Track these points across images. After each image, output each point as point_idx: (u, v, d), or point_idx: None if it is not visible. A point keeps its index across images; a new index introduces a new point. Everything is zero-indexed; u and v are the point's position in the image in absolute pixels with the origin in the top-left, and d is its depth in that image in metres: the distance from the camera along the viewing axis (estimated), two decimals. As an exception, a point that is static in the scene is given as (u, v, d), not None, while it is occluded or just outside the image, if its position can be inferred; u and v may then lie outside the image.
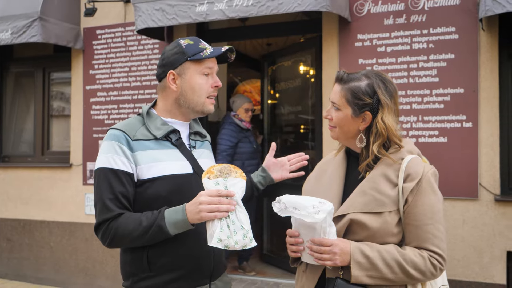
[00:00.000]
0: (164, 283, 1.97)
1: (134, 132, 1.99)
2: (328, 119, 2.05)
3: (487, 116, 4.37)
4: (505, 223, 4.29)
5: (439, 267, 1.85)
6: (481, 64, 4.41)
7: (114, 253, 5.86)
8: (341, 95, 1.98)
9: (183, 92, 2.03)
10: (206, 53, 2.02)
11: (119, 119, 5.87)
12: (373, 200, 1.88)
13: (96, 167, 1.98)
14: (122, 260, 2.07)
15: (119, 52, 5.90)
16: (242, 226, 1.78)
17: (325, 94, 4.98)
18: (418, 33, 4.62)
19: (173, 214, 1.85)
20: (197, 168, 2.06)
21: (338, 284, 1.85)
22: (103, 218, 1.91)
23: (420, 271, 1.83)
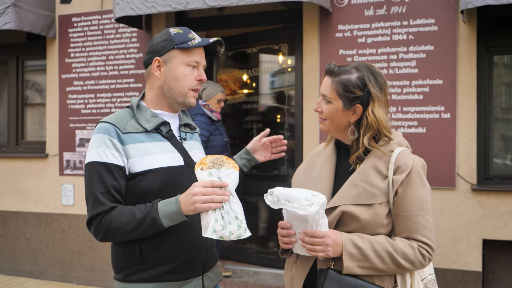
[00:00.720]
0: (157, 276, 1.95)
1: (124, 125, 1.96)
2: (319, 111, 2.04)
3: (465, 107, 4.42)
4: (481, 211, 4.37)
5: (428, 257, 1.88)
6: (459, 56, 4.44)
7: (92, 244, 5.77)
8: (332, 88, 1.97)
9: (166, 80, 2.01)
10: (193, 43, 1.99)
11: (96, 109, 5.75)
12: (364, 192, 1.89)
13: (87, 161, 1.94)
14: (113, 253, 2.04)
15: (96, 40, 5.76)
16: (236, 216, 1.78)
17: (306, 84, 4.96)
18: (398, 25, 4.63)
19: (167, 206, 1.83)
20: (188, 160, 2.04)
21: (330, 275, 1.86)
22: (96, 212, 1.88)
23: (410, 261, 1.86)
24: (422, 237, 1.88)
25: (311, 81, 4.93)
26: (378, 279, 1.89)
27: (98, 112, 5.75)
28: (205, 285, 2.06)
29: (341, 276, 1.85)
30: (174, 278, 1.97)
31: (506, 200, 4.32)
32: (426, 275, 1.99)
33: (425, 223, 1.89)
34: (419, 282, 1.94)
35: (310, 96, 4.92)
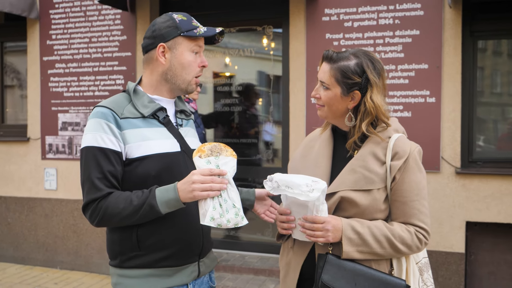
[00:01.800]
0: (153, 262, 1.92)
1: (121, 110, 1.91)
2: (317, 98, 2.02)
3: (450, 92, 4.44)
4: (464, 194, 4.41)
5: (424, 241, 1.89)
6: (444, 41, 4.44)
7: (76, 228, 5.68)
8: (331, 74, 1.95)
9: (171, 67, 1.97)
10: (200, 31, 1.96)
11: (79, 92, 5.62)
12: (363, 178, 1.89)
13: (83, 146, 1.89)
14: (109, 239, 2.00)
15: (78, 22, 5.62)
16: (233, 204, 1.77)
17: (292, 68, 4.92)
18: (385, 9, 4.60)
19: (165, 193, 1.80)
20: (184, 147, 2.01)
21: (329, 259, 1.86)
22: (92, 198, 1.84)
23: (407, 245, 1.87)
24: (419, 222, 1.89)
25: (297, 65, 4.89)
26: (375, 263, 1.89)
27: (81, 95, 5.62)
28: (200, 271, 2.04)
29: (340, 260, 1.85)
30: (170, 264, 1.94)
31: (489, 183, 4.37)
32: (420, 259, 2.00)
33: (422, 208, 1.90)
34: (414, 266, 1.95)
35: (297, 80, 4.88)
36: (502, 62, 4.74)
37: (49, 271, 5.71)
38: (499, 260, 4.46)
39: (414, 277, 1.93)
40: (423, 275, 1.97)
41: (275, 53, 5.45)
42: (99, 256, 5.61)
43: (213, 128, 5.90)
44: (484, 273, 4.50)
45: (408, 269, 1.93)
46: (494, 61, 4.76)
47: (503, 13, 4.44)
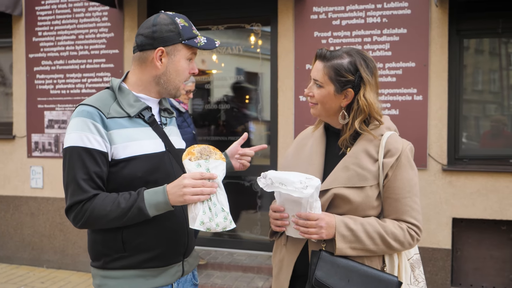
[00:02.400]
0: (139, 263, 1.89)
1: (108, 109, 1.86)
2: (310, 96, 2.02)
3: (437, 90, 4.47)
4: (451, 191, 4.44)
5: (416, 238, 1.90)
6: (431, 39, 4.47)
7: (62, 227, 5.61)
8: (324, 72, 1.95)
9: (166, 72, 1.93)
10: (200, 43, 1.94)
11: (66, 89, 5.55)
12: (356, 175, 1.89)
13: (67, 145, 1.82)
14: (92, 240, 1.95)
15: (65, 19, 5.54)
16: (222, 208, 1.77)
17: (281, 66, 4.91)
18: (373, 7, 4.62)
19: (154, 195, 1.77)
20: (169, 146, 1.98)
21: (323, 256, 1.86)
22: (77, 200, 1.78)
23: (400, 242, 1.87)
24: (411, 219, 1.89)
25: (286, 63, 4.88)
26: (368, 259, 1.90)
27: (67, 93, 5.55)
28: (184, 270, 2.03)
29: (333, 257, 1.86)
30: (156, 264, 1.91)
31: (474, 180, 4.41)
32: (411, 255, 2.00)
33: (414, 205, 1.91)
34: (406, 262, 1.96)
35: (286, 78, 4.88)
36: (483, 61, 4.78)
37: (35, 270, 5.62)
38: (484, 256, 4.50)
39: (406, 273, 1.94)
40: (415, 271, 1.98)
41: (263, 51, 5.44)
42: (86, 254, 5.54)
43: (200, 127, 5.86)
44: (470, 269, 4.54)
45: (400, 266, 1.94)
46: (476, 59, 4.80)
47: (488, 12, 4.48)
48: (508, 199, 4.36)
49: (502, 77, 4.75)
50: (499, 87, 4.74)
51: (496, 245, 4.51)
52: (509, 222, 4.45)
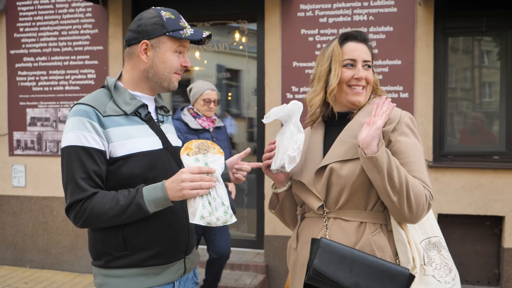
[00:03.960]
0: (140, 261, 1.86)
1: (104, 108, 1.83)
2: (361, 79, 1.94)
3: (422, 87, 4.46)
4: (437, 188, 4.44)
5: (429, 200, 1.77)
6: (417, 37, 4.47)
7: (46, 226, 5.45)
8: (369, 52, 1.99)
9: (153, 65, 1.90)
10: (186, 34, 1.89)
11: (49, 86, 5.40)
12: (353, 147, 1.85)
13: (65, 145, 1.80)
14: (92, 239, 1.92)
15: (47, 15, 5.38)
16: (222, 202, 1.75)
17: (268, 63, 4.85)
18: (359, 5, 4.59)
19: (152, 191, 1.75)
20: (166, 144, 1.96)
21: (323, 244, 1.77)
22: (76, 199, 1.76)
23: (417, 193, 1.73)
24: (425, 179, 1.79)
25: (273, 60, 4.82)
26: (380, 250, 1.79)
27: (50, 90, 5.39)
28: (186, 267, 2.00)
29: (334, 245, 1.76)
30: (158, 262, 1.89)
31: (459, 176, 4.42)
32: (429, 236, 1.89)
33: (422, 170, 1.81)
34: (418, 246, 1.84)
35: (273, 75, 4.82)
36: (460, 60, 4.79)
37: (18, 270, 5.47)
38: (469, 251, 4.52)
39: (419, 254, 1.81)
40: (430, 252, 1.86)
41: (249, 48, 5.37)
42: (70, 254, 5.41)
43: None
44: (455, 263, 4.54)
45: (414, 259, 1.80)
46: (460, 57, 4.81)
47: (472, 11, 4.49)
48: (492, 195, 4.38)
49: (482, 75, 4.77)
50: (479, 85, 4.76)
51: (480, 240, 4.53)
52: (492, 218, 4.48)
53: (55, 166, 5.39)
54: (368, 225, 1.83)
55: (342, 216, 1.87)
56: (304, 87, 4.72)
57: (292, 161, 1.90)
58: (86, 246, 5.29)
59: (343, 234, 1.85)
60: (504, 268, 4.40)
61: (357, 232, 1.83)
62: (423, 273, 1.78)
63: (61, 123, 5.36)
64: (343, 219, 1.87)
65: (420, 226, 1.87)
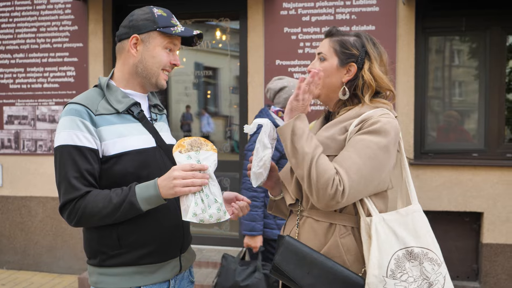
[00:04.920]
0: (135, 259, 1.85)
1: (96, 106, 1.84)
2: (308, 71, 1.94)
3: (404, 86, 4.48)
4: (418, 185, 4.46)
5: (337, 186, 1.68)
6: (399, 36, 4.49)
7: (23, 226, 5.30)
8: (330, 45, 1.91)
9: (142, 60, 1.90)
10: (176, 30, 1.90)
11: (27, 84, 5.25)
12: (322, 145, 1.81)
13: (58, 145, 1.80)
14: (87, 238, 1.90)
15: (25, 11, 5.23)
16: (215, 199, 1.74)
17: (250, 61, 4.81)
18: (342, 4, 4.59)
19: (145, 189, 1.74)
20: (160, 142, 1.95)
21: (286, 242, 1.80)
22: (69, 198, 1.76)
23: (320, 173, 1.68)
24: (339, 167, 1.70)
25: (255, 58, 4.78)
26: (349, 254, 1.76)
27: (28, 88, 5.24)
28: (182, 266, 1.98)
29: (297, 245, 1.77)
30: (153, 260, 1.87)
31: (440, 173, 4.46)
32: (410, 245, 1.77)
33: (349, 159, 1.71)
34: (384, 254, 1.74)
35: (256, 73, 4.78)
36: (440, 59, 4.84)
37: (-6, 271, 5.30)
38: (450, 247, 4.56)
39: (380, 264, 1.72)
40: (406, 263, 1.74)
41: (231, 47, 5.31)
42: (49, 254, 5.27)
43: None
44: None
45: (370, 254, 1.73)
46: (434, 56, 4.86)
47: (452, 10, 4.53)
48: (471, 191, 4.43)
49: (461, 74, 4.83)
50: (458, 84, 4.81)
51: (460, 236, 4.58)
52: (472, 214, 4.54)
53: (33, 165, 5.24)
54: (338, 227, 1.79)
55: (313, 215, 1.85)
56: (287, 85, 4.69)
57: (258, 176, 1.92)
58: (65, 246, 5.20)
59: (313, 233, 1.83)
60: (483, 263, 4.46)
61: (327, 233, 1.81)
62: (383, 285, 1.69)
63: (39, 121, 5.22)
64: (314, 218, 1.85)
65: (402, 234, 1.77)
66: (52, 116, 5.18)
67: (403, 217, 1.81)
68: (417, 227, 1.82)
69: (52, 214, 5.23)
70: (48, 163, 5.20)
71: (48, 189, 5.20)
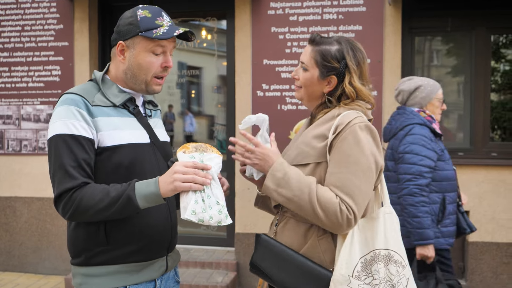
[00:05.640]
0: (122, 256, 1.80)
1: (92, 98, 1.81)
2: (295, 78, 2.00)
3: (391, 86, 4.49)
4: (405, 184, 4.46)
5: (347, 215, 1.71)
6: (385, 36, 4.49)
7: (8, 227, 5.23)
8: (311, 56, 1.93)
9: (130, 67, 1.85)
10: (157, 33, 1.80)
11: (11, 83, 5.16)
12: (301, 153, 1.87)
13: (53, 134, 1.73)
14: (72, 236, 1.84)
15: (9, 9, 5.15)
16: (217, 201, 1.68)
17: (238, 60, 4.78)
18: (329, 4, 4.58)
19: (145, 186, 1.68)
20: (154, 138, 1.93)
21: (261, 240, 1.87)
22: (66, 187, 1.68)
23: (326, 209, 1.71)
24: (343, 195, 1.72)
25: (243, 58, 4.74)
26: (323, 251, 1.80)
27: (13, 87, 5.16)
28: (168, 265, 1.95)
29: (270, 242, 1.85)
30: (139, 258, 1.83)
31: (426, 172, 4.45)
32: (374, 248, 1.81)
33: (347, 182, 1.73)
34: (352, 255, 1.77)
35: (243, 73, 4.74)
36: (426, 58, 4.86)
37: (-22, 273, 5.19)
38: (435, 245, 4.56)
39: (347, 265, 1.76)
40: (373, 265, 1.79)
41: (218, 46, 5.27)
42: (34, 255, 5.18)
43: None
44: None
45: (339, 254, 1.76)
46: (420, 56, 4.87)
47: (438, 11, 4.55)
48: (457, 190, 4.43)
49: (447, 74, 4.84)
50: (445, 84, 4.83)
51: (446, 235, 4.58)
52: (458, 212, 4.54)
53: (18, 165, 5.14)
54: (317, 228, 1.82)
55: (296, 217, 1.88)
56: (274, 84, 4.67)
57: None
58: (51, 247, 5.11)
59: (294, 233, 1.87)
60: (469, 261, 4.48)
61: (306, 234, 1.84)
62: (347, 283, 1.74)
63: (24, 121, 5.13)
64: (296, 220, 1.88)
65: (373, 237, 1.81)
66: (37, 116, 5.10)
67: (375, 220, 1.84)
68: (387, 230, 1.85)
69: (37, 214, 5.15)
70: (34, 163, 5.12)
71: (33, 189, 5.12)
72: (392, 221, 1.87)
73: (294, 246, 1.85)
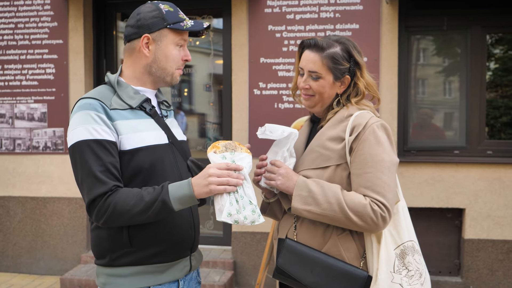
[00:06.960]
0: (146, 258, 1.80)
1: (109, 101, 1.79)
2: (306, 88, 1.98)
3: (387, 84, 4.46)
4: (401, 182, 4.45)
5: (380, 214, 1.75)
6: (382, 35, 4.46)
7: (1, 227, 5.15)
8: (322, 63, 1.93)
9: (156, 59, 1.85)
10: (186, 25, 1.85)
11: (4, 81, 5.05)
12: (319, 156, 1.89)
13: (75, 141, 1.70)
14: (96, 237, 1.83)
15: (1, 6, 5.06)
16: (250, 201, 1.68)
17: (234, 59, 4.73)
18: (326, 2, 4.54)
19: (178, 189, 1.68)
20: (172, 138, 1.92)
21: (287, 245, 1.86)
22: (98, 193, 1.66)
23: (359, 214, 1.75)
24: (374, 194, 1.76)
25: (240, 56, 4.69)
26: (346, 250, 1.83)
27: (6, 85, 5.05)
28: (192, 265, 1.94)
29: (298, 246, 1.84)
30: (163, 259, 1.82)
31: (422, 170, 4.46)
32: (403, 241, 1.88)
33: (377, 180, 1.77)
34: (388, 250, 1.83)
35: (240, 71, 4.69)
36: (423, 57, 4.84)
37: (-29, 274, 5.08)
38: (431, 242, 4.56)
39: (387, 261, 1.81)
40: (405, 258, 1.85)
41: (214, 45, 5.20)
42: (29, 255, 5.08)
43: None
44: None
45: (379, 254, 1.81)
46: (417, 55, 4.85)
47: (434, 9, 4.54)
48: (453, 188, 4.44)
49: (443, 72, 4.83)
50: (441, 82, 4.82)
51: (442, 232, 4.59)
52: (454, 210, 4.55)
53: (11, 164, 5.04)
54: (336, 227, 1.83)
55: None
56: (271, 83, 4.62)
57: None
58: (45, 247, 5.02)
59: (311, 234, 1.88)
60: (464, 258, 4.47)
61: (325, 234, 1.85)
62: (391, 280, 1.79)
63: (17, 120, 5.02)
64: (310, 220, 1.87)
65: (398, 231, 1.87)
66: (31, 114, 4.99)
67: (396, 215, 1.89)
68: (406, 222, 1.92)
69: (31, 214, 5.05)
70: (27, 163, 5.01)
71: (27, 189, 5.02)
72: (408, 213, 1.96)
73: (314, 246, 1.85)
